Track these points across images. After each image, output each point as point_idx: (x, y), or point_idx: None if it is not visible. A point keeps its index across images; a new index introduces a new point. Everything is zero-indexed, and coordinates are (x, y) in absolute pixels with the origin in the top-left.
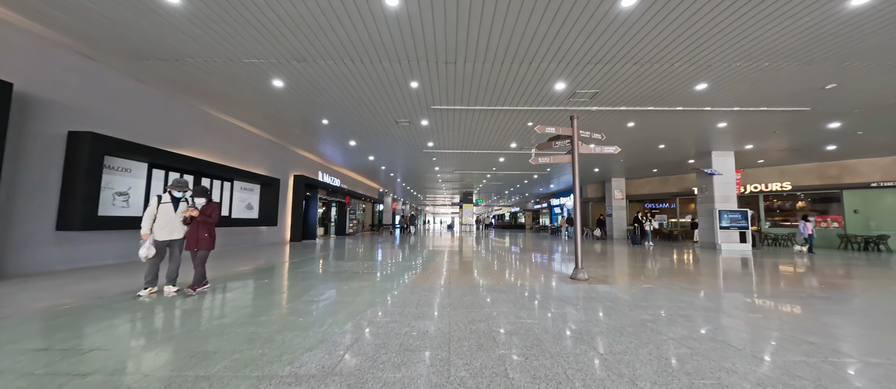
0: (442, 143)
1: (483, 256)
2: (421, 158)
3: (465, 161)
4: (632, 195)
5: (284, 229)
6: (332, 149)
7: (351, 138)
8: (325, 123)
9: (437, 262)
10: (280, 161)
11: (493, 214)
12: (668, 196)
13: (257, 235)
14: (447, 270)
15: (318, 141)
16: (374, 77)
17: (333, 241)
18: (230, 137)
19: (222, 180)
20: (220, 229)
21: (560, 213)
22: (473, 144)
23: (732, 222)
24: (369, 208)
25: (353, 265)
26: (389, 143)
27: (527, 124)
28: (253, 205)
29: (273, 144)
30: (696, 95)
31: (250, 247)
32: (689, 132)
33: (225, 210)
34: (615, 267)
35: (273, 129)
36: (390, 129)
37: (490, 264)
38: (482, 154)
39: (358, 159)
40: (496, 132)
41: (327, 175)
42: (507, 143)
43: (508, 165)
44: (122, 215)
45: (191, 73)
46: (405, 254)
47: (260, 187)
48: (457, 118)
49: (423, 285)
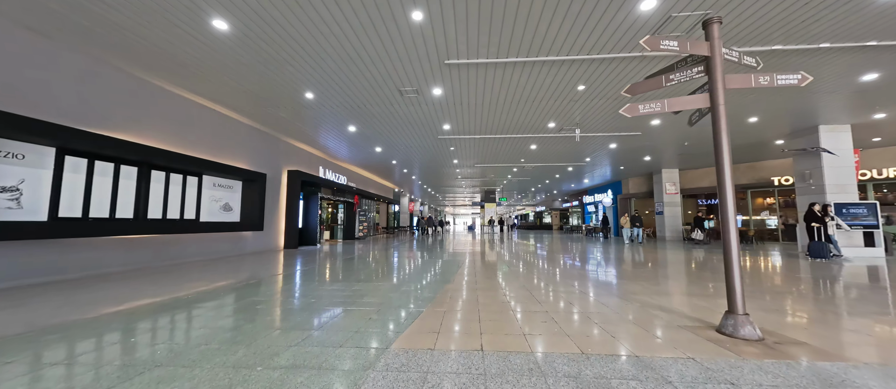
0: (461, 125)
1: (525, 272)
2: (437, 148)
3: (488, 150)
4: (686, 189)
5: (276, 234)
6: (333, 140)
7: (349, 122)
8: (311, 97)
9: (457, 286)
10: (270, 154)
11: (516, 214)
12: (735, 190)
13: (238, 242)
14: (476, 299)
15: (314, 128)
16: (357, 8)
17: (339, 247)
18: (198, 121)
19: (185, 174)
20: (185, 236)
21: (595, 212)
22: (499, 126)
23: (854, 220)
24: (384, 208)
25: (339, 290)
26: (396, 127)
27: (575, 91)
28: (232, 206)
29: (259, 134)
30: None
31: (227, 257)
32: (797, 96)
33: (190, 212)
34: (789, 301)
35: (256, 113)
36: (395, 105)
37: (542, 289)
38: (509, 141)
39: (365, 153)
40: (530, 105)
41: (331, 171)
42: (542, 122)
43: (540, 153)
44: (4, 220)
45: (113, 21)
46: (417, 268)
47: (242, 185)
48: (480, 82)
49: (432, 349)
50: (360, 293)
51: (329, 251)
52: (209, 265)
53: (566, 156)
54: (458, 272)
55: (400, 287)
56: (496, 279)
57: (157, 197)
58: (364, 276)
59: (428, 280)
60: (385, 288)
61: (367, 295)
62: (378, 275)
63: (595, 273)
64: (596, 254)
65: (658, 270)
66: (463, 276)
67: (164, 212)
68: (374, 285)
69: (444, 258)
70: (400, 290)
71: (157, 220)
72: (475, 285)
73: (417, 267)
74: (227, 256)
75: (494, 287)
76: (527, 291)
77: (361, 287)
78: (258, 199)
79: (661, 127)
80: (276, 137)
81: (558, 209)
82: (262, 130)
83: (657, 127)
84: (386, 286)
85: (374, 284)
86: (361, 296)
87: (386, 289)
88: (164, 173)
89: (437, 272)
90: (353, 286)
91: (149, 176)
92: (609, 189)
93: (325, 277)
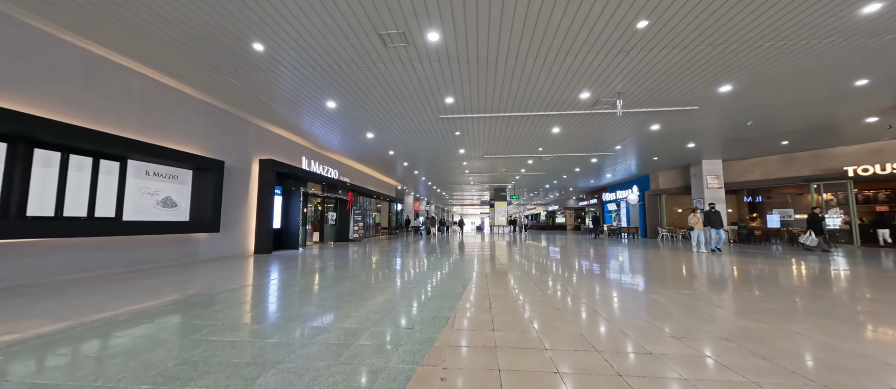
0: (467, 98)
1: (563, 296)
2: (439, 134)
3: (501, 136)
4: (729, 184)
5: (244, 236)
6: (316, 124)
7: (323, 93)
8: (260, 50)
9: (463, 328)
10: (234, 138)
11: (526, 213)
12: (793, 183)
13: (187, 246)
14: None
15: (285, 105)
16: None
17: (326, 252)
18: (115, 87)
19: (96, 157)
20: (96, 241)
21: (617, 210)
22: (516, 98)
23: None
24: (385, 207)
25: (285, 324)
26: (386, 101)
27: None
28: (177, 201)
29: (219, 114)
30: None
31: (170, 267)
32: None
33: (105, 208)
34: None
35: (202, 81)
36: (379, 65)
37: (605, 337)
38: (527, 122)
39: (358, 143)
40: (561, 61)
41: (319, 164)
42: (574, 91)
43: (563, 140)
44: None
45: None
46: (410, 285)
47: (192, 174)
48: (492, 19)
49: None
50: (310, 337)
51: (310, 257)
52: (130, 278)
53: (593, 143)
54: (461, 296)
55: (386, 326)
56: (524, 293)
57: (46, 187)
58: (332, 295)
59: (429, 310)
60: (381, 309)
61: (326, 334)
62: (350, 296)
63: (658, 296)
64: (631, 260)
65: (715, 287)
66: (469, 304)
67: (58, 208)
68: (342, 310)
69: (446, 271)
70: (383, 334)
71: (45, 219)
72: (492, 324)
73: (407, 285)
74: (171, 264)
75: (533, 351)
76: (575, 315)
77: (324, 312)
78: (213, 192)
79: (729, 97)
80: (244, 119)
81: (573, 208)
82: (221, 107)
83: (725, 96)
84: (382, 305)
85: (342, 309)
86: (310, 342)
87: (380, 317)
88: (59, 154)
89: (435, 297)
90: (305, 312)
91: (30, 157)
92: (634, 185)
93: (281, 297)
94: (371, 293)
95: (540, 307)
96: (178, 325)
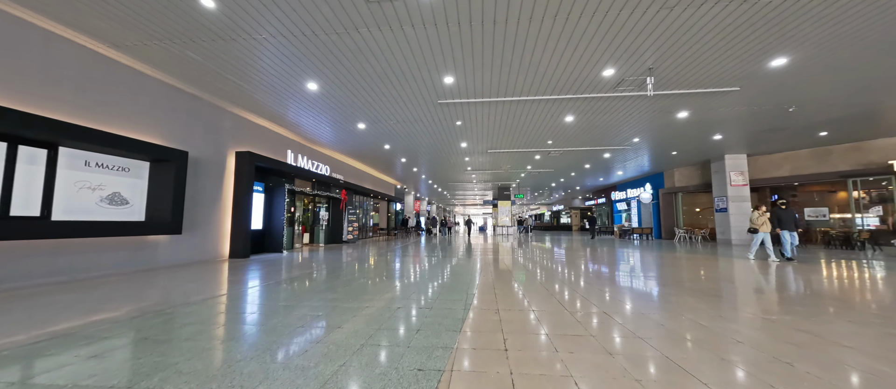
0: (469, 77)
1: (608, 327)
2: (438, 125)
3: (507, 127)
4: (755, 181)
5: (216, 239)
6: (302, 113)
7: (300, 70)
8: (211, 7)
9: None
10: (203, 126)
11: (530, 213)
12: (829, 179)
13: (143, 250)
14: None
15: (258, 87)
16: None
17: (315, 255)
18: (42, 60)
19: (12, 142)
20: (24, 245)
21: (627, 209)
22: (527, 78)
23: None
24: (384, 207)
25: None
26: (375, 82)
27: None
28: (129, 197)
29: (183, 97)
30: None
31: (117, 276)
32: None
33: (24, 206)
34: None
35: (155, 55)
36: (361, 31)
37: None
38: (538, 108)
39: (351, 136)
40: (583, 28)
41: (307, 158)
42: (596, 67)
43: (576, 131)
44: None
45: None
46: (396, 307)
47: (149, 167)
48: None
49: None
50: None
51: (292, 263)
52: (56, 291)
53: (609, 135)
54: (462, 326)
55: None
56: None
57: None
58: (285, 324)
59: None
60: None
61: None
62: (310, 324)
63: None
64: (671, 266)
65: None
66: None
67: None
68: (289, 349)
69: (444, 282)
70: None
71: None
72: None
73: (392, 307)
74: (119, 273)
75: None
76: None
77: (258, 355)
78: (175, 188)
79: (778, 75)
80: (217, 107)
81: (579, 208)
82: (187, 91)
83: (773, 74)
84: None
85: (289, 347)
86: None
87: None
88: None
89: (426, 326)
90: (231, 357)
91: None
92: (647, 183)
93: (211, 326)
94: (341, 318)
95: (586, 353)
96: (82, 360)
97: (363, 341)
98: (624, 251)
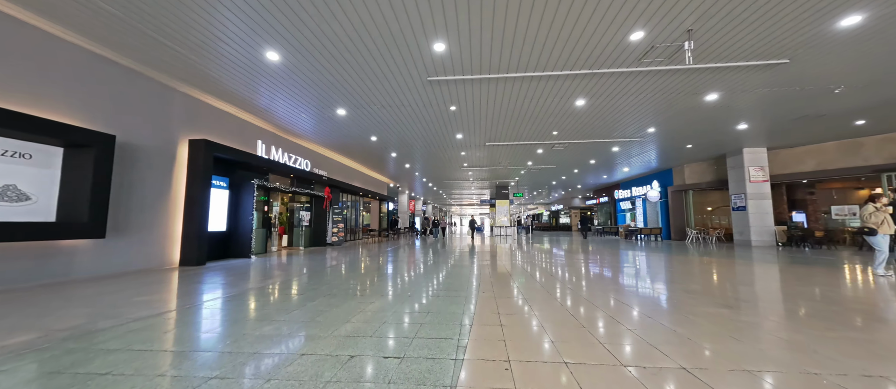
0: (464, 44)
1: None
2: (430, 109)
3: (508, 114)
4: (776, 176)
5: (163, 243)
6: (268, 93)
7: (258, 37)
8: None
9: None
10: (143, 108)
11: (527, 213)
12: (860, 174)
13: (54, 258)
14: None
15: (211, 59)
16: None
17: (286, 262)
18: None
19: None
20: None
21: (631, 209)
22: (537, 47)
23: None
24: (375, 206)
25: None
26: (347, 45)
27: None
28: (32, 192)
29: (114, 70)
30: None
31: (11, 293)
32: None
33: None
34: None
35: (64, 11)
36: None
37: None
38: (547, 87)
39: (333, 126)
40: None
41: (282, 150)
42: (625, 28)
43: (587, 119)
44: None
45: None
46: (361, 346)
47: (63, 154)
48: None
49: None
50: None
51: (255, 272)
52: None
53: (621, 125)
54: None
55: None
56: None
57: None
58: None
59: None
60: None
61: None
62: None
63: None
64: (734, 280)
65: None
66: None
67: None
68: None
69: (432, 300)
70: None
71: None
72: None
73: (352, 342)
74: (18, 287)
75: None
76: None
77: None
78: (97, 181)
79: (843, 40)
80: (163, 85)
81: (578, 208)
82: (118, 62)
83: (836, 40)
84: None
85: None
86: None
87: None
88: None
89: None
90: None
91: None
92: (654, 180)
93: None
94: (284, 355)
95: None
96: None
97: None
98: (643, 256)
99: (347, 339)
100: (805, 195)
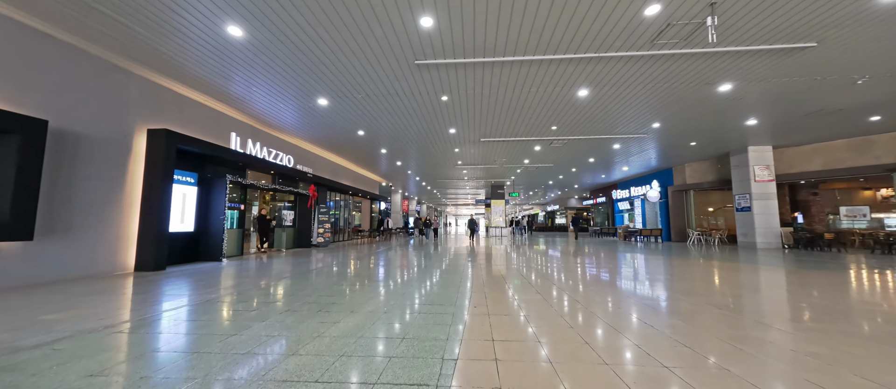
0: (455, 20)
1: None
2: (420, 99)
3: (506, 106)
4: (781, 176)
5: (115, 246)
6: (245, 84)
7: (216, 8)
8: None
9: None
10: (89, 91)
11: (523, 214)
12: (868, 173)
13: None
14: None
15: (172, 37)
16: None
17: (261, 266)
18: None
19: None
20: None
21: (629, 209)
22: (538, 24)
23: None
24: (367, 206)
25: None
26: (314, 29)
27: None
28: None
29: (49, 44)
30: None
31: None
32: None
33: None
34: None
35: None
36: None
37: None
38: (548, 73)
39: (316, 118)
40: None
41: (260, 145)
42: (634, 7)
43: (589, 113)
44: None
45: None
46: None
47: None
48: None
49: None
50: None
51: (225, 277)
52: None
53: (624, 120)
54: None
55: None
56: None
57: None
58: None
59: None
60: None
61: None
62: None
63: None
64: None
65: None
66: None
67: None
68: None
69: (416, 319)
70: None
71: None
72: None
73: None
74: None
75: None
76: None
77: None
78: (24, 174)
79: (882, 16)
80: (115, 65)
81: (574, 208)
82: (60, 37)
83: (874, 18)
84: None
85: None
86: None
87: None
88: None
89: None
90: None
91: None
92: (654, 180)
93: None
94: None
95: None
96: None
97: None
98: (649, 260)
99: (283, 385)
100: (808, 196)
